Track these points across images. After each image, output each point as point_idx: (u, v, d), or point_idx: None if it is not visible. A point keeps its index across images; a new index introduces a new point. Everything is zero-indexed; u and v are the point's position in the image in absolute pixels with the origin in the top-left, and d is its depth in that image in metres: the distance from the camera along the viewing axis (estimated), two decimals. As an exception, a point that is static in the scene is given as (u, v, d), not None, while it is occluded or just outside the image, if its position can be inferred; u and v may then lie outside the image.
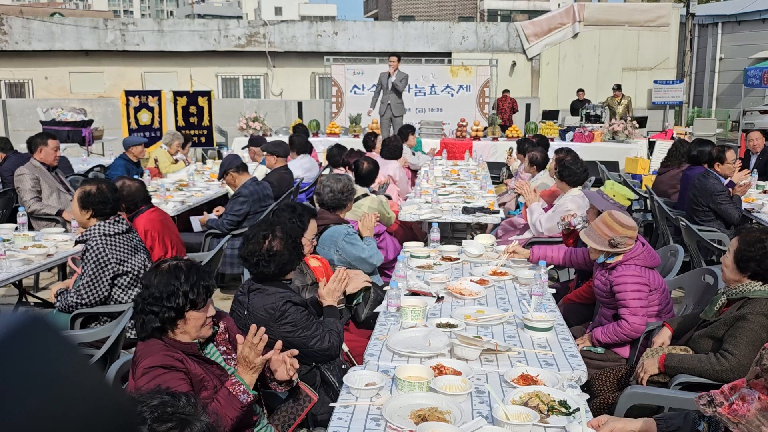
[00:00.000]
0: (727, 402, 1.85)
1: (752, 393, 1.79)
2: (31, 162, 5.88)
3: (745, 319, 2.75)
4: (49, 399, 0.51)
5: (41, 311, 1.64)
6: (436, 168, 8.37)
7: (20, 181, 5.71)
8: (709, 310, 2.98)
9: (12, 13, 23.48)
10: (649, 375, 2.86)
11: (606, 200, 3.97)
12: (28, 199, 5.65)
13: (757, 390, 1.78)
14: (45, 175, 5.84)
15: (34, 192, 5.70)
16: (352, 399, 2.30)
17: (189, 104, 11.58)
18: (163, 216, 4.52)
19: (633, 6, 20.85)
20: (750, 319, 2.74)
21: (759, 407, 1.75)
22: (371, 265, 4.25)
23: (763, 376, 1.76)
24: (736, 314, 2.81)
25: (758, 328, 2.73)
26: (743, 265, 2.89)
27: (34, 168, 5.80)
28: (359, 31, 20.21)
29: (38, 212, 5.64)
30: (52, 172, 5.97)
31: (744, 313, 2.78)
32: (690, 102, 23.22)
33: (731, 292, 2.91)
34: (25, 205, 5.66)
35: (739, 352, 2.68)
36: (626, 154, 10.91)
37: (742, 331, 2.73)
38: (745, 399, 1.80)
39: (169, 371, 2.17)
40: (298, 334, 2.81)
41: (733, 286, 2.92)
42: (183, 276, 2.27)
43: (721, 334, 2.82)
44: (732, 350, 2.70)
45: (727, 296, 2.92)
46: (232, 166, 5.57)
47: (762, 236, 2.90)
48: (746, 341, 2.70)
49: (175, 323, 2.28)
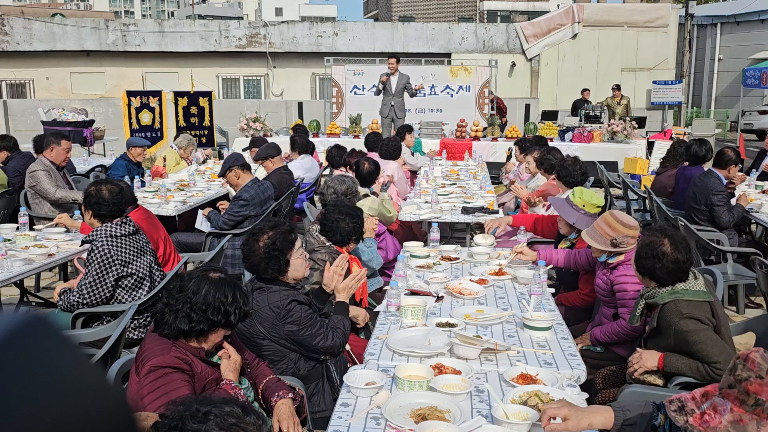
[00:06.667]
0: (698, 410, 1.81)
1: (724, 403, 1.74)
2: (40, 159, 5.93)
3: (681, 332, 2.70)
4: (50, 398, 0.51)
5: (42, 311, 1.64)
6: (436, 168, 8.38)
7: (34, 177, 5.78)
8: (632, 316, 2.97)
9: (13, 14, 23.48)
10: (645, 370, 2.84)
11: (576, 210, 3.95)
12: (51, 188, 5.73)
13: (729, 401, 1.74)
14: (54, 173, 5.89)
15: (53, 183, 5.77)
16: (352, 399, 2.31)
17: (190, 105, 11.57)
18: (147, 214, 4.53)
19: (632, 7, 20.86)
20: (683, 330, 2.70)
21: (731, 419, 1.71)
22: (370, 269, 4.27)
23: (736, 387, 1.72)
24: (667, 330, 2.76)
25: (695, 327, 2.69)
26: (640, 270, 2.87)
27: (44, 165, 5.87)
28: (359, 31, 20.21)
29: (64, 199, 5.69)
30: (60, 172, 6.02)
31: (672, 327, 2.73)
32: (689, 102, 23.21)
33: (647, 294, 2.88)
34: (49, 195, 5.73)
35: (717, 356, 2.64)
36: (625, 155, 10.91)
37: (694, 341, 2.68)
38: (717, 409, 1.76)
39: (175, 372, 2.17)
40: (303, 333, 2.83)
41: (647, 289, 2.89)
42: (231, 295, 2.27)
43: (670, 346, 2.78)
44: (712, 360, 2.65)
45: (644, 299, 2.90)
46: (236, 164, 5.57)
47: (656, 240, 2.81)
48: (709, 345, 2.66)
49: (201, 334, 2.27)
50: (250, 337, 2.85)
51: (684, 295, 2.76)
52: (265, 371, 2.60)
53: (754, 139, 19.01)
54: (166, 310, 2.26)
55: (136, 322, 3.68)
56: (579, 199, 3.97)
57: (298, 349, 2.90)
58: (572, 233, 4.04)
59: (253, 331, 2.85)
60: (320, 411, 2.88)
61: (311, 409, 2.81)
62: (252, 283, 2.96)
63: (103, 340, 3.11)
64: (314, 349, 2.89)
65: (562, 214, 4.01)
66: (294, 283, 3.00)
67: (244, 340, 2.74)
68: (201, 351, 2.30)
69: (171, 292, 2.29)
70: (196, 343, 2.29)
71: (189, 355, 2.23)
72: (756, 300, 5.56)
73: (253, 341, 2.84)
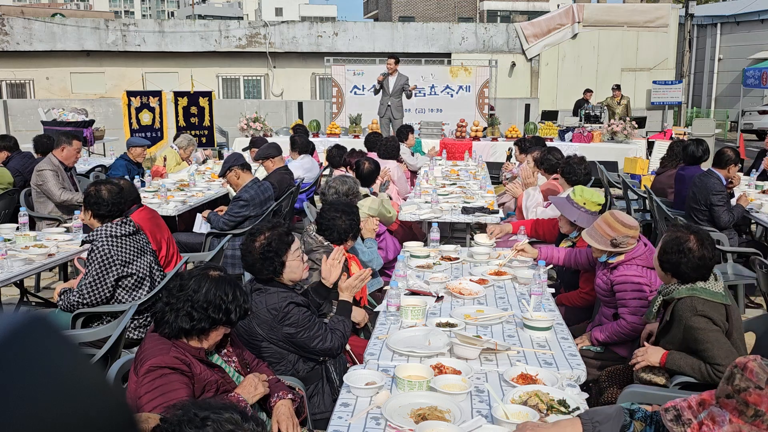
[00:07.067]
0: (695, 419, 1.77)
1: (723, 413, 1.71)
2: (49, 158, 5.94)
3: (691, 328, 2.70)
4: (50, 399, 0.51)
5: (42, 311, 1.64)
6: (436, 168, 8.38)
7: (42, 176, 5.78)
8: (649, 312, 2.96)
9: (13, 14, 23.49)
10: (647, 364, 2.84)
11: (577, 209, 3.96)
12: (56, 191, 5.73)
13: (727, 411, 1.70)
14: (61, 173, 5.90)
15: (60, 184, 5.77)
16: (352, 399, 2.31)
17: (190, 105, 11.57)
18: (152, 214, 4.53)
19: (632, 7, 20.85)
20: (694, 326, 2.69)
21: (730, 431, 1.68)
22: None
23: (735, 397, 1.69)
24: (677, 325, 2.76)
25: (707, 327, 2.68)
26: (664, 265, 2.86)
27: (52, 164, 5.86)
28: (359, 31, 20.21)
29: (70, 201, 5.69)
30: (68, 173, 6.02)
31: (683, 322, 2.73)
32: (689, 102, 23.22)
33: (665, 291, 2.88)
34: (54, 196, 5.73)
35: (722, 359, 2.63)
36: (625, 155, 10.90)
37: (702, 340, 2.67)
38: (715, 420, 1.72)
39: (174, 372, 2.17)
40: (301, 335, 2.83)
41: (665, 286, 2.89)
42: (231, 293, 2.28)
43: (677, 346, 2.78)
44: (716, 361, 2.64)
45: (662, 295, 2.89)
46: (237, 164, 5.57)
47: (683, 236, 2.82)
48: (716, 346, 2.65)
49: (203, 332, 2.28)
50: (249, 339, 2.84)
51: (702, 294, 2.75)
52: (264, 371, 2.60)
53: (754, 139, 19.01)
54: (167, 309, 2.26)
55: (136, 322, 3.68)
56: (580, 197, 3.98)
57: (296, 351, 2.90)
58: (573, 231, 4.05)
59: (252, 332, 2.85)
60: (320, 412, 2.88)
61: (311, 410, 2.80)
62: (251, 284, 2.96)
63: (103, 340, 3.10)
64: (313, 351, 2.88)
65: (563, 212, 4.02)
66: (292, 284, 3.00)
67: (243, 342, 2.74)
68: (201, 351, 2.30)
69: (171, 291, 2.29)
70: (197, 342, 2.29)
71: (188, 355, 2.23)
72: (756, 300, 5.56)
73: (252, 343, 2.84)
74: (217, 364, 2.38)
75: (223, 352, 2.48)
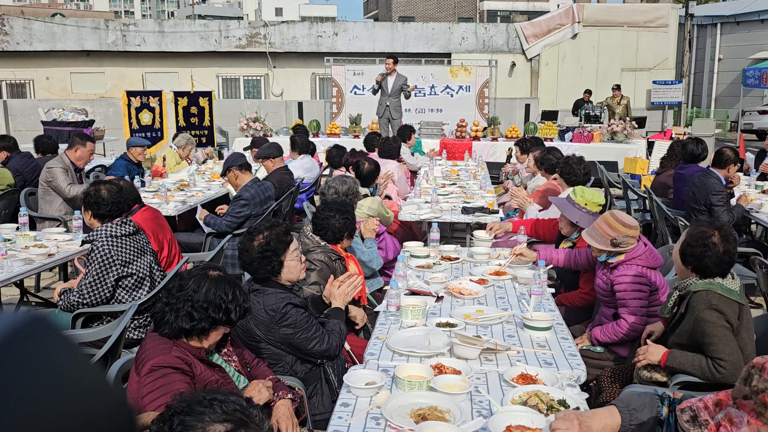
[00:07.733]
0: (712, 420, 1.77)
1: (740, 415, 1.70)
2: (60, 157, 5.96)
3: (702, 320, 2.71)
4: (50, 398, 0.51)
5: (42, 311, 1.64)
6: (436, 168, 8.38)
7: (51, 173, 5.81)
8: (664, 307, 2.96)
9: (13, 14, 23.49)
10: (648, 362, 2.84)
11: (578, 209, 3.95)
12: (65, 186, 5.74)
13: (745, 412, 1.70)
14: (71, 172, 5.94)
15: (68, 180, 5.79)
16: (352, 399, 2.31)
17: (190, 105, 11.58)
18: (155, 214, 4.53)
19: (632, 7, 20.86)
20: (705, 319, 2.70)
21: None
22: (370, 269, 4.26)
23: (752, 398, 1.68)
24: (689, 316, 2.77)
25: (717, 321, 2.69)
26: (686, 258, 2.85)
27: (63, 163, 5.91)
28: (359, 31, 20.21)
29: (77, 197, 5.71)
30: (77, 174, 6.04)
31: (695, 313, 2.74)
32: (689, 102, 23.22)
33: (681, 285, 2.88)
34: (63, 192, 5.75)
35: (726, 355, 2.64)
36: (625, 155, 10.91)
37: (709, 333, 2.68)
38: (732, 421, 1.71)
39: (176, 372, 2.17)
40: (298, 336, 2.83)
41: (682, 280, 2.89)
42: (231, 293, 2.29)
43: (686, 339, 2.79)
44: (719, 356, 2.65)
45: (678, 291, 2.89)
46: (236, 164, 5.57)
47: (707, 231, 2.82)
48: (722, 341, 2.66)
49: (203, 332, 2.28)
50: (247, 340, 2.84)
51: (717, 288, 2.76)
52: (264, 371, 2.60)
53: (754, 139, 19.01)
54: (167, 309, 2.26)
55: (136, 322, 3.68)
56: (580, 197, 3.97)
57: (293, 353, 2.89)
58: (574, 233, 4.05)
59: (250, 333, 2.85)
60: (319, 413, 2.88)
61: (309, 411, 2.80)
62: (249, 284, 2.96)
63: (103, 340, 3.11)
64: (310, 352, 2.88)
65: (564, 213, 4.01)
66: (290, 285, 3.00)
67: (241, 342, 2.74)
68: (201, 351, 2.30)
69: (171, 291, 2.29)
70: (197, 342, 2.29)
71: (189, 355, 2.24)
72: (756, 300, 5.56)
73: (250, 344, 2.84)
74: (217, 364, 2.39)
75: (224, 352, 2.48)
